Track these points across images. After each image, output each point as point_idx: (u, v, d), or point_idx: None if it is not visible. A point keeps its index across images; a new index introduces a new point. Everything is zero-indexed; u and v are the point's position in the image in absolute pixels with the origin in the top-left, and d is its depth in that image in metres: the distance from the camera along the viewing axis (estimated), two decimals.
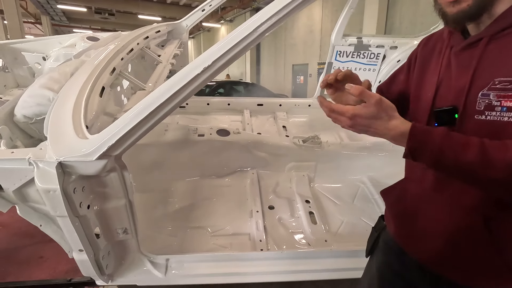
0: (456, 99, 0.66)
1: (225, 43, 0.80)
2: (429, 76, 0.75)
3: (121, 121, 0.82)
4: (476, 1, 0.60)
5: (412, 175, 0.80)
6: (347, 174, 2.00)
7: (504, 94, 0.59)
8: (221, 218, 1.64)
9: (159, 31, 1.98)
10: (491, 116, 0.61)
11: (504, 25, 0.61)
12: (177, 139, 1.82)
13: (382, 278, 0.87)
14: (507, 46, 0.60)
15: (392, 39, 2.53)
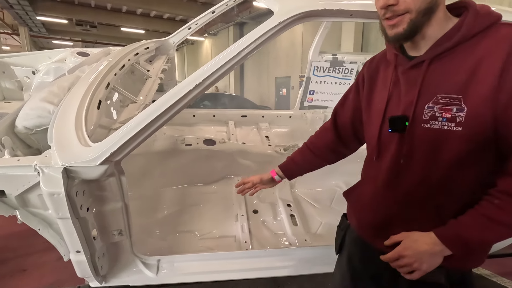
0: (406, 110, 0.79)
1: (213, 64, 0.94)
2: (379, 91, 0.89)
3: (123, 130, 0.93)
4: (409, 26, 0.74)
5: (368, 177, 0.94)
6: (325, 179, 2.16)
7: (444, 108, 0.73)
8: (208, 222, 1.74)
9: (148, 48, 2.10)
10: (434, 125, 0.75)
11: (441, 50, 0.75)
12: (166, 149, 1.92)
13: (352, 270, 0.99)
14: (445, 67, 0.75)
15: (363, 55, 2.78)
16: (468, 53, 0.72)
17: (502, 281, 2.24)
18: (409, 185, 0.80)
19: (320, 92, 2.77)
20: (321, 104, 2.83)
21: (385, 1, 0.73)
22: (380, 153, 0.86)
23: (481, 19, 0.73)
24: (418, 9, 0.71)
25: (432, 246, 0.74)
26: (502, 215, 0.69)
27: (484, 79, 0.68)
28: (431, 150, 0.76)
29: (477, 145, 0.72)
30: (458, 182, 0.76)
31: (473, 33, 0.72)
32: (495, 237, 0.73)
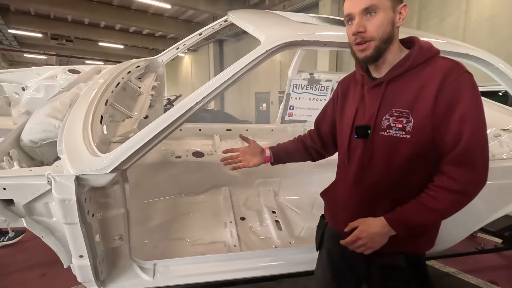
0: (369, 121, 0.97)
1: (211, 84, 1.10)
2: (349, 104, 1.07)
3: (131, 141, 1.06)
4: (375, 51, 0.91)
5: (340, 177, 1.11)
6: (306, 187, 2.34)
7: (397, 119, 0.92)
8: (198, 229, 1.85)
9: (138, 66, 2.23)
10: (390, 133, 0.93)
11: (395, 74, 0.94)
12: (157, 161, 2.02)
13: (331, 262, 1.12)
14: (398, 87, 0.94)
15: (337, 74, 3.06)
16: (414, 78, 0.91)
17: (466, 277, 2.48)
18: (372, 182, 0.98)
19: (299, 108, 2.99)
20: (301, 119, 3.05)
21: (356, 28, 0.91)
22: (350, 157, 1.03)
23: (424, 52, 0.93)
24: (380, 38, 0.90)
25: (382, 228, 0.91)
26: (435, 203, 0.88)
27: (426, 99, 0.88)
28: (388, 153, 0.94)
29: (421, 149, 0.90)
30: (409, 179, 0.94)
31: (418, 63, 0.92)
32: (428, 220, 0.91)
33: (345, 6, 0.94)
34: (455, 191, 0.87)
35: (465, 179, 0.86)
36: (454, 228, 1.52)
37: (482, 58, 1.41)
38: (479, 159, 0.87)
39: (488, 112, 1.63)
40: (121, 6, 12.39)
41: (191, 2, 10.60)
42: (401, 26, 0.94)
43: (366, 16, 0.89)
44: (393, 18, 0.90)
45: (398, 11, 0.91)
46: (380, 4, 0.88)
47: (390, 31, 0.90)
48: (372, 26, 0.89)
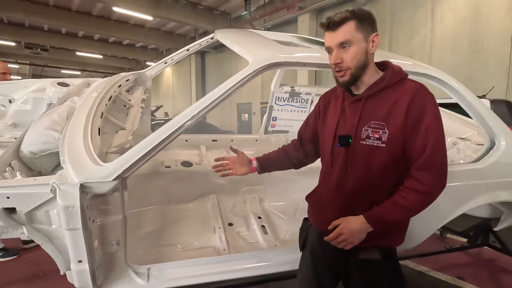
0: (350, 131, 1.10)
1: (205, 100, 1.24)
2: (331, 116, 1.21)
3: (133, 151, 1.16)
4: (351, 77, 1.06)
5: (324, 181, 1.23)
6: (290, 193, 2.48)
7: (374, 130, 1.06)
8: (188, 236, 1.93)
9: (128, 80, 2.31)
10: (368, 142, 1.07)
11: (373, 91, 1.08)
12: (147, 171, 2.10)
13: (314, 262, 1.23)
14: (375, 103, 1.08)
15: (316, 88, 3.28)
16: (389, 95, 1.07)
17: (436, 274, 2.69)
18: (353, 185, 1.11)
19: (281, 119, 3.17)
20: (283, 129, 3.23)
21: (334, 60, 1.07)
22: (333, 163, 1.15)
23: (396, 75, 1.09)
24: (355, 66, 1.05)
25: (361, 225, 1.04)
26: (405, 202, 1.03)
27: (398, 113, 1.04)
28: (366, 159, 1.07)
29: (395, 156, 1.05)
30: (384, 181, 1.08)
31: (392, 83, 1.08)
32: (400, 217, 1.06)
33: (325, 39, 1.09)
34: (422, 192, 1.02)
35: (429, 181, 1.02)
36: (421, 227, 1.69)
37: (438, 77, 1.64)
38: (440, 165, 1.03)
39: (449, 122, 1.92)
40: (101, 16, 12.30)
41: (173, 14, 10.72)
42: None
43: (343, 48, 1.05)
44: (366, 47, 1.05)
45: (371, 40, 1.06)
46: (353, 38, 1.03)
47: (364, 59, 1.06)
48: (347, 58, 1.04)
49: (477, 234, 2.78)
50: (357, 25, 1.03)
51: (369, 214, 1.06)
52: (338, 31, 1.04)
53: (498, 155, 1.77)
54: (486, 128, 1.80)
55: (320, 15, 9.43)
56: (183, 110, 1.25)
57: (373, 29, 1.07)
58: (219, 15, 11.81)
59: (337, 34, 1.04)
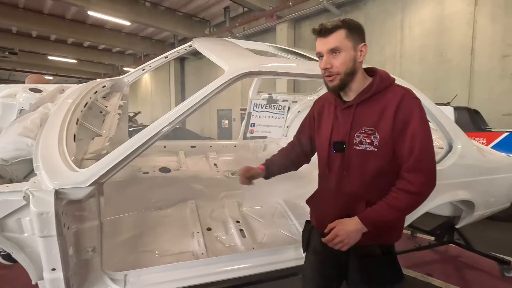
0: (344, 137, 1.15)
1: (182, 107, 1.28)
2: (325, 122, 1.25)
3: (110, 156, 1.17)
4: (341, 82, 1.11)
5: (322, 185, 1.27)
6: (268, 198, 2.54)
7: (366, 136, 1.11)
8: (166, 242, 1.93)
9: (104, 86, 2.30)
10: (361, 147, 1.11)
11: (363, 98, 1.13)
12: (124, 178, 2.08)
13: (319, 262, 1.28)
14: (365, 109, 1.13)
15: (293, 95, 3.39)
16: (378, 101, 1.12)
17: (406, 271, 2.83)
18: (350, 188, 1.15)
19: (260, 125, 3.24)
20: (261, 135, 3.30)
21: (324, 65, 1.12)
22: (330, 167, 1.20)
23: (384, 81, 1.14)
24: (344, 72, 1.10)
25: (356, 226, 1.08)
26: (397, 202, 1.07)
27: (387, 118, 1.08)
28: (361, 164, 1.12)
29: (387, 159, 1.10)
30: (378, 184, 1.12)
31: (380, 89, 1.13)
32: (393, 217, 1.09)
33: (316, 45, 1.14)
34: (413, 192, 1.06)
35: (419, 182, 1.06)
36: None
37: None
38: (429, 166, 1.08)
39: None
40: (75, 20, 11.94)
41: (152, 20, 10.63)
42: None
43: (333, 55, 1.10)
44: (355, 55, 1.11)
45: (359, 49, 1.11)
46: (343, 45, 1.08)
47: (352, 67, 1.11)
48: (337, 63, 1.10)
49: (443, 232, 2.98)
50: (347, 34, 1.09)
51: (363, 216, 1.09)
52: (329, 38, 1.10)
53: (456, 157, 1.94)
54: (445, 133, 1.96)
55: (298, 25, 9.73)
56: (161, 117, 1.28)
57: (362, 39, 1.13)
58: (198, 22, 11.85)
59: (328, 41, 1.10)
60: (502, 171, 2.34)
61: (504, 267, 2.71)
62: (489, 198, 2.34)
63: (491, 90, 6.33)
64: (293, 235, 2.21)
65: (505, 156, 2.77)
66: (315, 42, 1.15)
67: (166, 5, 10.65)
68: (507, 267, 2.70)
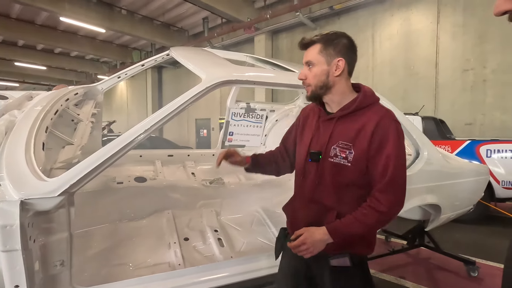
0: (321, 147, 1.17)
1: (158, 115, 1.27)
2: (307, 131, 1.27)
3: (81, 164, 1.13)
4: (312, 93, 1.17)
5: (297, 192, 1.28)
6: (246, 206, 2.54)
7: (342, 150, 1.13)
8: (141, 253, 1.87)
9: (77, 93, 2.23)
10: (336, 160, 1.13)
11: (344, 113, 1.15)
12: (97, 188, 2.00)
13: (291, 268, 1.29)
14: (345, 124, 1.15)
15: (270, 104, 3.46)
16: (358, 118, 1.14)
17: (381, 275, 2.92)
18: (322, 198, 1.17)
19: (238, 133, 3.26)
20: (239, 144, 3.32)
21: (299, 76, 1.19)
22: (305, 176, 1.22)
23: (367, 99, 1.16)
24: (315, 84, 1.15)
25: (323, 236, 1.09)
26: (365, 219, 1.09)
27: (363, 137, 1.10)
28: (334, 176, 1.14)
29: (359, 175, 1.12)
30: (351, 196, 1.15)
31: (362, 106, 1.14)
32: (359, 232, 1.10)
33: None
34: (381, 212, 1.08)
35: (389, 203, 1.08)
36: None
37: None
38: (399, 189, 1.11)
39: None
40: (46, 25, 11.49)
41: (128, 28, 10.46)
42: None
43: (308, 67, 1.16)
44: (328, 70, 1.13)
45: (334, 64, 1.12)
46: (315, 60, 1.13)
47: (324, 80, 1.14)
48: (310, 76, 1.16)
49: (414, 236, 3.12)
50: (321, 49, 1.13)
51: (331, 227, 1.11)
52: (307, 51, 1.16)
53: (423, 163, 2.06)
54: (412, 141, 2.09)
55: (275, 36, 9.98)
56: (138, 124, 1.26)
57: (339, 54, 1.13)
58: (177, 31, 11.82)
59: (305, 54, 1.17)
60: (465, 176, 2.51)
61: (469, 267, 2.87)
62: (454, 202, 2.49)
63: (454, 101, 6.81)
64: (271, 242, 2.22)
65: (468, 162, 2.98)
66: (292, 53, 1.22)
67: (143, 14, 10.55)
68: (472, 267, 2.86)
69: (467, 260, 2.90)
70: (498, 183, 4.25)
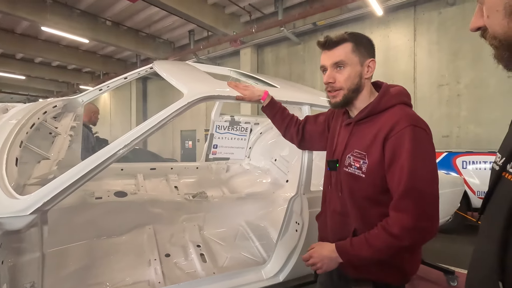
0: (338, 156, 1.10)
1: (139, 129, 1.26)
2: (331, 137, 1.21)
3: (56, 181, 1.10)
4: (343, 99, 1.05)
5: (324, 202, 1.22)
6: (229, 220, 2.52)
7: (356, 159, 1.02)
8: (120, 272, 1.80)
9: (55, 106, 2.17)
10: (350, 170, 1.03)
11: (360, 117, 1.05)
12: (73, 204, 1.93)
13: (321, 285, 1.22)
14: (360, 130, 1.05)
15: (255, 117, 3.49)
16: (374, 123, 1.02)
17: None
18: (343, 210, 1.09)
19: (222, 146, 3.26)
20: (224, 156, 3.31)
21: (327, 79, 1.05)
22: (331, 185, 1.15)
23: (385, 100, 1.02)
24: (349, 88, 1.03)
25: (331, 253, 1.02)
26: (374, 240, 0.95)
27: (377, 146, 0.98)
28: (350, 187, 1.05)
29: (376, 188, 0.99)
30: (371, 212, 1.02)
31: (378, 110, 1.02)
32: (366, 255, 0.96)
33: (321, 58, 1.08)
34: (391, 234, 0.92)
35: (400, 224, 0.91)
36: None
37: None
38: (412, 209, 0.90)
39: None
40: (26, 35, 11.22)
41: (113, 39, 10.37)
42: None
43: (337, 69, 1.04)
44: (361, 71, 1.03)
45: (366, 65, 1.04)
46: (348, 60, 1.02)
47: (357, 83, 1.04)
48: (341, 78, 1.03)
49: None
50: (353, 48, 1.03)
51: (339, 245, 1.03)
52: (334, 51, 1.03)
53: None
54: None
55: (261, 50, 10.17)
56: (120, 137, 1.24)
57: (370, 54, 1.06)
58: (162, 43, 11.82)
59: (332, 54, 1.04)
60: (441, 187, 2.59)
61: (449, 277, 2.93)
62: None
63: (432, 114, 7.10)
64: (255, 257, 2.20)
65: (443, 173, 3.09)
66: (278, 67, 1.20)
67: (128, 25, 10.51)
68: (452, 277, 2.92)
69: (447, 270, 2.97)
70: (474, 193, 4.43)
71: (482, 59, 6.43)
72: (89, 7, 9.15)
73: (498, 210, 0.53)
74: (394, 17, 7.54)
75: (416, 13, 7.30)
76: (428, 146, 0.96)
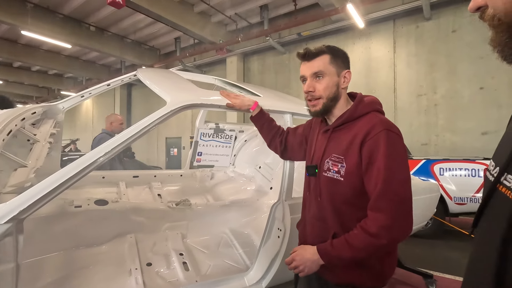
0: (317, 161, 1.15)
1: (120, 137, 1.26)
2: (309, 144, 1.26)
3: (34, 189, 1.08)
4: (323, 107, 1.11)
5: (304, 208, 1.26)
6: (213, 227, 2.51)
7: (334, 163, 1.07)
8: (99, 282, 1.75)
9: (34, 112, 2.13)
10: (329, 174, 1.08)
11: (337, 124, 1.12)
12: (51, 212, 1.88)
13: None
14: (338, 136, 1.11)
15: (240, 125, 3.52)
16: (351, 129, 1.09)
17: None
18: (323, 214, 1.13)
19: (207, 154, 3.26)
20: (208, 164, 3.31)
21: (307, 88, 1.12)
22: (310, 191, 1.19)
23: (363, 107, 1.10)
24: (327, 96, 1.10)
25: (313, 255, 1.05)
26: (354, 240, 0.99)
27: (354, 149, 1.04)
28: (330, 191, 1.09)
29: (354, 191, 1.04)
30: (351, 215, 1.06)
31: (354, 117, 1.10)
32: (347, 255, 1.00)
33: (301, 69, 1.15)
34: (370, 233, 0.97)
35: (377, 223, 0.97)
36: None
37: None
38: (389, 209, 0.96)
39: None
40: (5, 38, 10.88)
41: (96, 45, 10.21)
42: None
43: (316, 79, 1.11)
44: (338, 81, 1.11)
45: (343, 76, 1.12)
46: (327, 70, 1.09)
47: (335, 92, 1.11)
48: (320, 87, 1.10)
49: None
50: (331, 59, 1.10)
51: (320, 247, 1.06)
52: (313, 62, 1.11)
53: None
54: None
55: (247, 58, 10.29)
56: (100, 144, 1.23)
57: (346, 66, 1.13)
58: (148, 49, 11.75)
59: (311, 64, 1.11)
60: (418, 194, 2.70)
61: (428, 281, 3.02)
62: None
63: (411, 123, 7.37)
64: (238, 264, 2.20)
65: (420, 180, 3.21)
66: (264, 75, 1.24)
67: (113, 31, 10.40)
68: (430, 281, 3.01)
69: (425, 274, 3.06)
70: (451, 199, 4.61)
71: (456, 71, 6.78)
72: (72, 12, 9.01)
73: (493, 227, 0.50)
74: (375, 30, 7.85)
75: (395, 26, 7.64)
76: (401, 149, 1.04)
